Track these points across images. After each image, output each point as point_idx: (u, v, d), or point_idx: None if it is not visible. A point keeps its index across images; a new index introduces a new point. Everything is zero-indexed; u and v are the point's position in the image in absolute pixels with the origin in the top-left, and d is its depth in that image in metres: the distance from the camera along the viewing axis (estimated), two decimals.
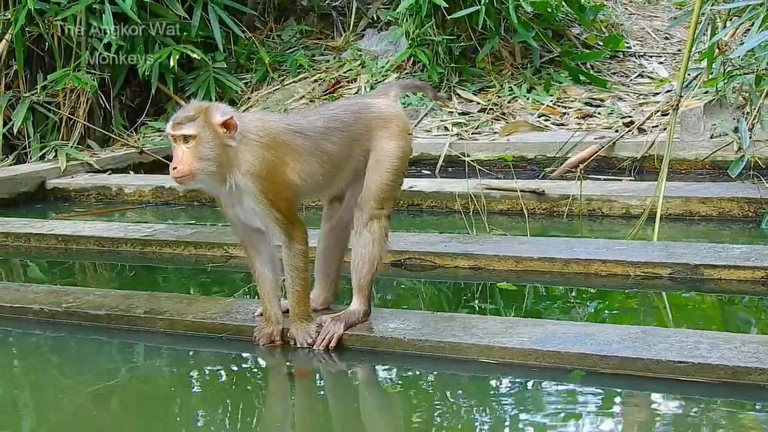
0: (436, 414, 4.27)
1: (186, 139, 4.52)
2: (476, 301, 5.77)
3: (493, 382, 4.50)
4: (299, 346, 4.83)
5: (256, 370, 4.98)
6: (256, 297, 4.98)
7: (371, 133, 4.85)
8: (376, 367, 4.79)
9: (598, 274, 5.77)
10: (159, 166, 9.81)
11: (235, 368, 4.98)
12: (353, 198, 4.90)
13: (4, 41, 10.40)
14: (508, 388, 4.45)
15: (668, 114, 8.81)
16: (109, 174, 9.60)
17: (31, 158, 10.15)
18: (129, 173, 9.73)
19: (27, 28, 10.18)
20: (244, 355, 5.03)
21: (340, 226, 5.02)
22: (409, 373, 4.66)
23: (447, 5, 9.73)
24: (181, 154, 4.54)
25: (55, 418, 4.57)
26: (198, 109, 4.58)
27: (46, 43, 10.34)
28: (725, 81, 7.70)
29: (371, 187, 4.82)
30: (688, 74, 8.03)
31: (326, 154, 4.76)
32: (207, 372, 4.94)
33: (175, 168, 4.54)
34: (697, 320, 5.32)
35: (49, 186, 9.38)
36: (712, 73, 7.97)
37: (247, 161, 4.58)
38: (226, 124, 4.55)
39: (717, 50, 7.69)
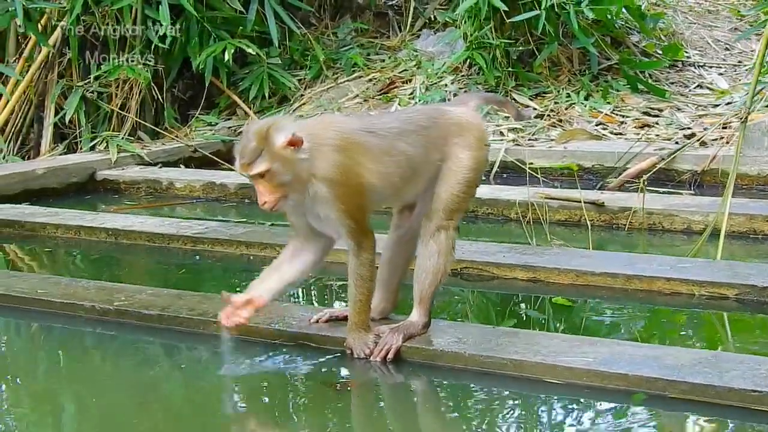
0: None
1: (261, 175, 4.43)
2: (535, 315, 5.66)
3: (556, 403, 4.37)
4: (356, 356, 4.72)
5: (309, 379, 4.85)
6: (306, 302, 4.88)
7: (447, 140, 4.71)
8: (434, 381, 4.67)
9: (661, 292, 5.62)
10: (210, 160, 9.75)
11: (286, 376, 4.87)
12: (423, 208, 4.77)
13: (58, 29, 10.36)
14: (572, 410, 4.33)
15: (728, 127, 8.68)
16: (160, 167, 9.53)
17: (81, 148, 10.11)
18: (180, 167, 9.66)
19: (82, 17, 10.13)
20: (297, 362, 4.91)
21: (408, 237, 4.88)
22: (469, 390, 4.53)
23: (506, 8, 9.60)
24: (261, 188, 4.46)
25: (98, 420, 4.50)
26: (259, 138, 4.42)
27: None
28: None
29: (442, 197, 4.69)
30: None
31: (402, 155, 4.62)
32: (257, 380, 4.82)
33: (264, 203, 4.47)
34: (765, 345, 5.17)
35: (99, 177, 9.31)
36: None
37: (322, 167, 4.47)
38: (291, 143, 4.43)
39: None
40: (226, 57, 10.22)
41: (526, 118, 9.05)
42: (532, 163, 8.31)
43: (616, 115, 9.59)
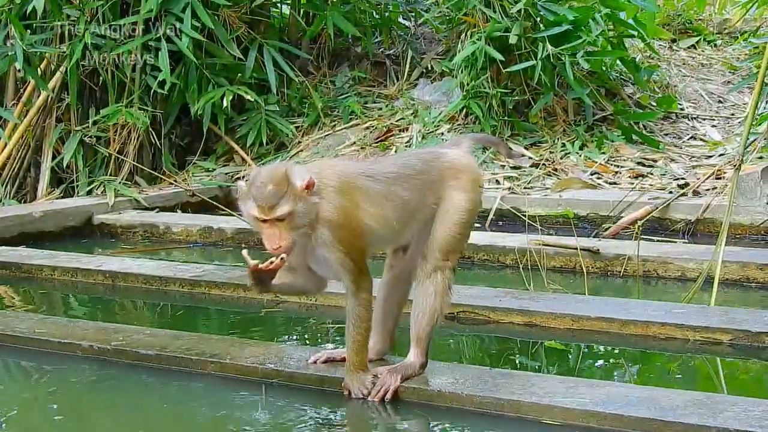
0: None
1: (281, 218, 4.42)
2: (531, 359, 5.67)
3: None
4: (354, 396, 4.73)
5: (305, 420, 4.85)
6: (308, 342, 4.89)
7: (443, 183, 4.77)
8: (432, 422, 4.67)
9: (656, 336, 5.66)
10: (207, 206, 9.79)
11: (282, 417, 4.87)
12: (417, 249, 4.81)
13: (58, 74, 10.43)
14: None
15: (722, 178, 8.75)
16: (157, 212, 9.58)
17: (78, 192, 10.15)
18: (176, 212, 9.70)
19: (81, 62, 10.21)
20: (294, 403, 4.91)
21: (402, 278, 4.94)
22: (466, 431, 4.56)
23: (503, 59, 9.70)
24: (278, 231, 4.43)
25: None
26: (278, 181, 4.44)
27: (100, 78, 10.36)
28: None
29: (438, 238, 4.74)
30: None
31: (399, 199, 4.68)
32: (254, 420, 4.82)
33: (278, 247, 4.42)
34: (758, 389, 5.20)
35: (96, 221, 9.37)
36: None
37: (325, 209, 4.51)
38: (308, 186, 4.46)
39: None
40: (225, 103, 10.29)
41: (518, 157, 9.15)
42: (521, 211, 8.36)
43: (611, 165, 9.66)
